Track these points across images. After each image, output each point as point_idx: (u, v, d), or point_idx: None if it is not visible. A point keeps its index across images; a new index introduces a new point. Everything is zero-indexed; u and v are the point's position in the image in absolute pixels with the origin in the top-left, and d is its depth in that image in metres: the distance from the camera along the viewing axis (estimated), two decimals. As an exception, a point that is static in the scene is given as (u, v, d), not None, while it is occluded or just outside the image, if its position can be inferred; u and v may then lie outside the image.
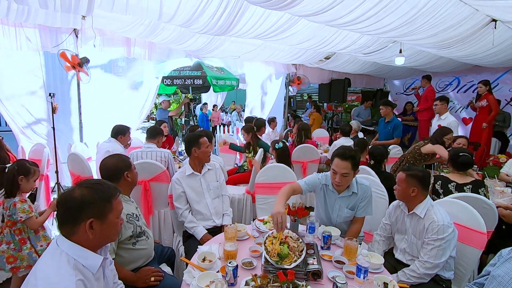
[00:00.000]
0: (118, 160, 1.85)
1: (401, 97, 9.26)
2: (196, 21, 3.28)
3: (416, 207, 1.86)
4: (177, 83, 6.13)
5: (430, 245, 1.74)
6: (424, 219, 1.81)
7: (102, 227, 1.11)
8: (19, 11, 3.08)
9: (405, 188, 1.87)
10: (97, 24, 3.64)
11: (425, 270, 1.74)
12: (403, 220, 1.96)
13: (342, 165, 1.94)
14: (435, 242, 1.72)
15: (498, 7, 3.03)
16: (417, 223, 1.85)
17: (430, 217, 1.78)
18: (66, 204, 1.08)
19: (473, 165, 2.89)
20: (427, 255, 1.74)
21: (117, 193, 1.18)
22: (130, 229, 1.73)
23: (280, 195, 1.93)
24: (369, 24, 3.18)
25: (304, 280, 1.48)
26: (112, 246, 1.64)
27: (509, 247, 1.44)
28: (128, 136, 3.61)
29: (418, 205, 1.86)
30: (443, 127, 3.85)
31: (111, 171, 1.79)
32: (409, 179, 1.86)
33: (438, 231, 1.72)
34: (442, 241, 1.71)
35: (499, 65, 5.95)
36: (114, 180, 1.78)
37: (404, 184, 1.87)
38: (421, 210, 1.83)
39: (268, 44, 5.00)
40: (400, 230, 2.00)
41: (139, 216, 1.86)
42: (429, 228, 1.76)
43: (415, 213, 1.86)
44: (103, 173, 1.81)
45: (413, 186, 1.84)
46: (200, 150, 2.36)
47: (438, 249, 1.71)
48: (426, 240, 1.77)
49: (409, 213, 1.91)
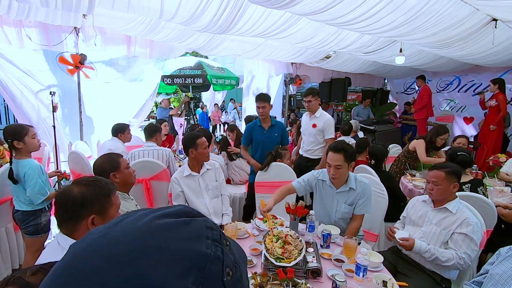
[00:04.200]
0: (104, 161, 1.84)
1: (402, 96, 9.27)
2: (197, 20, 3.29)
3: (448, 203, 1.89)
4: (177, 82, 6.14)
5: (460, 239, 1.76)
6: (455, 214, 1.83)
7: (104, 222, 1.11)
8: (20, 8, 3.08)
9: (446, 185, 1.88)
10: (98, 22, 3.64)
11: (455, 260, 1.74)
12: (425, 213, 1.98)
13: (334, 158, 2.01)
14: (466, 237, 1.74)
15: (499, 6, 3.03)
16: (445, 217, 1.87)
17: (463, 213, 1.81)
18: (67, 203, 1.09)
19: (471, 165, 2.90)
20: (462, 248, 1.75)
21: (114, 188, 1.21)
22: None
23: (274, 194, 2.10)
24: (369, 23, 3.18)
25: (303, 278, 1.49)
26: None
27: (508, 246, 1.45)
28: (128, 134, 3.63)
29: (450, 202, 1.89)
30: (439, 127, 3.84)
31: (97, 171, 1.80)
32: (450, 176, 1.88)
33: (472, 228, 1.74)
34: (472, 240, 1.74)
35: (499, 64, 5.94)
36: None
37: (445, 182, 1.88)
38: (453, 206, 1.86)
39: (268, 43, 4.99)
40: (416, 223, 2.02)
41: None
42: (464, 223, 1.77)
43: (446, 208, 1.88)
44: (94, 173, 1.83)
45: (453, 182, 1.88)
46: (198, 151, 2.34)
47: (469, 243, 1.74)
48: (457, 235, 1.78)
49: (435, 208, 1.93)
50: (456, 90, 7.78)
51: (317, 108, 3.47)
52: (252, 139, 3.37)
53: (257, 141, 3.33)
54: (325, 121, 3.42)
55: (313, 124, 3.48)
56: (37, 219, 2.25)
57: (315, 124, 3.46)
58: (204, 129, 4.32)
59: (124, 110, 4.82)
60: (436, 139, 3.57)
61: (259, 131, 3.32)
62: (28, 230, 2.26)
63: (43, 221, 2.28)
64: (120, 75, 4.74)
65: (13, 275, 0.73)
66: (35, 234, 2.27)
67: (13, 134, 2.15)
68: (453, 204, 1.87)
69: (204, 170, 2.44)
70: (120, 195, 1.76)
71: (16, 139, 2.15)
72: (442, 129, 3.65)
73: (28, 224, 2.25)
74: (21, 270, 0.75)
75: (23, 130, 2.19)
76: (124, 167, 1.85)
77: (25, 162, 2.19)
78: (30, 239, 2.29)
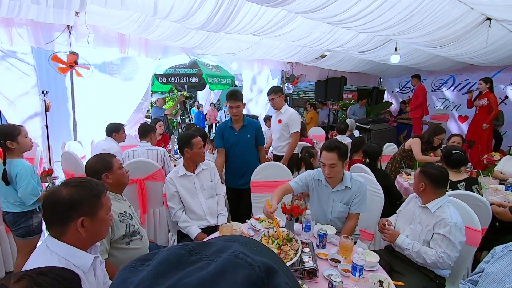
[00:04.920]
0: (97, 161, 1.81)
1: (397, 95, 9.32)
2: (192, 17, 3.25)
3: (430, 202, 1.91)
4: (172, 81, 6.09)
5: (439, 239, 1.78)
6: (434, 214, 1.85)
7: (94, 224, 1.11)
8: (11, 6, 3.02)
9: (416, 182, 1.99)
10: (90, 20, 3.58)
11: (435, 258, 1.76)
12: (414, 211, 2.02)
13: (328, 157, 2.02)
14: (444, 238, 1.76)
15: (493, 5, 3.05)
16: (427, 216, 1.90)
17: (443, 213, 1.82)
18: (56, 205, 1.05)
19: (466, 163, 2.91)
20: (441, 247, 1.76)
21: (105, 189, 1.18)
22: (123, 228, 1.71)
23: (274, 195, 2.08)
24: (364, 22, 3.18)
25: (299, 278, 1.48)
26: (105, 246, 1.62)
27: (503, 244, 1.45)
28: (122, 133, 3.60)
29: (433, 200, 1.91)
30: (437, 126, 3.85)
31: (89, 172, 1.76)
32: (420, 175, 1.96)
33: (450, 228, 1.75)
34: (450, 241, 1.74)
35: (493, 63, 6.00)
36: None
37: (417, 178, 1.99)
38: (433, 205, 1.89)
39: (264, 42, 4.98)
40: (406, 220, 2.06)
41: (133, 215, 1.84)
42: (441, 223, 1.79)
43: (426, 207, 1.92)
44: (86, 173, 1.79)
45: (421, 182, 1.93)
46: (193, 151, 2.32)
47: (447, 243, 1.75)
48: (436, 235, 1.81)
49: (421, 206, 1.97)
50: (451, 89, 7.85)
51: (281, 104, 3.52)
52: (224, 141, 3.08)
53: (228, 144, 3.04)
54: (289, 115, 3.43)
55: (279, 120, 3.52)
56: (28, 220, 2.21)
57: (280, 120, 3.51)
58: (199, 128, 4.28)
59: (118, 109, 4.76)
60: (433, 139, 3.60)
61: (230, 133, 3.03)
62: (19, 232, 2.22)
63: (34, 222, 2.24)
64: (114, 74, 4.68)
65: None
66: (27, 236, 2.23)
67: (5, 134, 2.12)
68: (434, 203, 1.89)
69: (199, 170, 2.42)
70: (113, 196, 1.74)
71: (9, 139, 2.12)
72: (439, 129, 3.69)
73: (19, 226, 2.20)
74: (6, 277, 0.73)
75: (15, 130, 2.15)
76: (117, 168, 1.81)
77: (17, 162, 2.15)
78: (22, 241, 2.24)
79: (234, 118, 3.00)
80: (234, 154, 3.04)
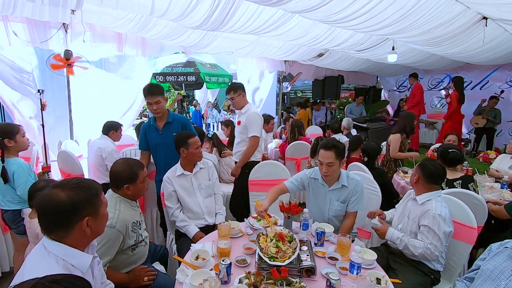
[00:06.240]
0: (124, 169, 1.71)
1: (394, 94, 9.36)
2: (189, 16, 3.24)
3: (421, 195, 1.94)
4: (169, 80, 6.06)
5: (425, 231, 1.80)
6: (421, 206, 1.89)
7: (97, 222, 1.13)
8: (6, 3, 2.98)
9: (413, 173, 2.03)
10: (87, 18, 3.55)
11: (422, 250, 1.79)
12: (406, 204, 2.06)
13: (326, 155, 2.02)
14: (430, 230, 1.78)
15: (489, 4, 3.06)
16: (415, 208, 1.94)
17: (428, 205, 1.85)
18: (54, 209, 1.03)
19: (462, 162, 2.94)
20: (428, 238, 1.79)
21: (100, 186, 1.18)
22: (133, 238, 1.69)
23: (268, 195, 2.11)
24: (362, 21, 3.19)
25: (297, 277, 1.48)
26: (109, 258, 1.59)
27: (499, 242, 1.47)
28: (119, 133, 3.58)
29: (423, 194, 1.93)
30: (407, 114, 4.04)
31: (112, 176, 1.72)
32: (417, 167, 1.99)
33: (433, 219, 1.77)
34: (435, 233, 1.76)
35: (490, 62, 6.05)
36: (113, 187, 1.72)
37: (414, 170, 2.03)
38: (421, 198, 1.92)
39: (261, 41, 4.97)
40: (401, 212, 2.09)
41: (141, 223, 1.82)
42: (426, 214, 1.82)
43: (416, 199, 1.95)
44: (110, 176, 1.73)
45: (416, 174, 1.97)
46: (189, 150, 2.29)
47: (433, 235, 1.77)
48: (422, 227, 1.83)
49: (412, 198, 2.02)
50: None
51: (243, 103, 3.01)
52: (148, 142, 2.75)
53: (153, 145, 2.71)
54: (248, 116, 2.92)
55: (238, 122, 3.06)
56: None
57: (239, 121, 3.03)
58: (197, 127, 4.27)
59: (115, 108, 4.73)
60: (413, 124, 3.79)
61: (153, 132, 2.69)
62: (19, 229, 2.23)
63: None
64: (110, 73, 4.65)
65: None
66: (27, 233, 2.22)
67: (4, 132, 2.13)
68: (423, 196, 1.92)
69: (197, 169, 2.41)
70: (128, 203, 1.74)
71: (8, 137, 2.13)
72: (411, 115, 3.96)
73: (19, 223, 2.21)
74: (18, 285, 0.73)
75: (14, 129, 2.18)
76: (140, 181, 1.74)
77: (13, 161, 2.16)
78: (22, 239, 2.24)
79: (158, 116, 2.65)
80: (160, 156, 2.70)
